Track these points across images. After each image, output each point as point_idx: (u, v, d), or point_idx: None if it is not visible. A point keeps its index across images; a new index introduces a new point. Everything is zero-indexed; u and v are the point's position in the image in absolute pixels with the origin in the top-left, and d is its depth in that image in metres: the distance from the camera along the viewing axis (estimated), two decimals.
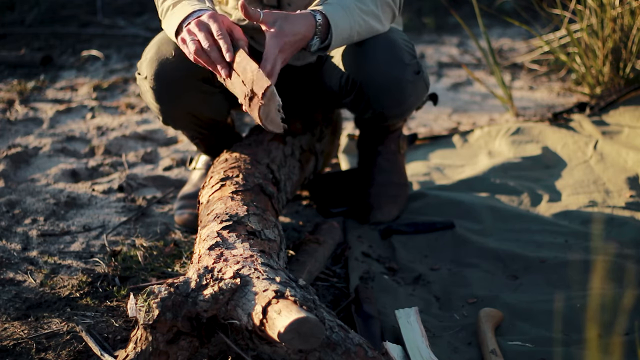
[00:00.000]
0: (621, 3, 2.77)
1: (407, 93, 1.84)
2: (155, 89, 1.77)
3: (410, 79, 1.83)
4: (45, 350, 1.46)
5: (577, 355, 1.39)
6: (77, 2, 5.23)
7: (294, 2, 1.83)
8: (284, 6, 1.84)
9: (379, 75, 1.79)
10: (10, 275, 1.78)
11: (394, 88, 1.82)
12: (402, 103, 1.87)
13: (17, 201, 2.19)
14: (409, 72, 1.82)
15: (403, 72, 1.81)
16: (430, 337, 1.48)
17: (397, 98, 1.84)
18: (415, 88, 1.87)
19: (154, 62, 1.76)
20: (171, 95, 1.79)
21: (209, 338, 1.28)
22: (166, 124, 1.90)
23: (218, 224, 1.47)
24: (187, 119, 1.88)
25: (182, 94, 1.79)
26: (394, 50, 1.80)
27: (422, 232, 1.97)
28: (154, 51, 1.78)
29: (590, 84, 2.99)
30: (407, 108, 1.92)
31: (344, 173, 2.31)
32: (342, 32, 1.65)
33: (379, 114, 1.89)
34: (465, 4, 4.62)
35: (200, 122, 1.90)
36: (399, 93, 1.83)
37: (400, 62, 1.81)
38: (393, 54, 1.80)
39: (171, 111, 1.84)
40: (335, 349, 1.17)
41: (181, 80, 1.76)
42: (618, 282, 1.67)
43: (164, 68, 1.75)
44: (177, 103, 1.81)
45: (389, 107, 1.87)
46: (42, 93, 3.46)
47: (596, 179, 2.28)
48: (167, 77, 1.75)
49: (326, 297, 1.69)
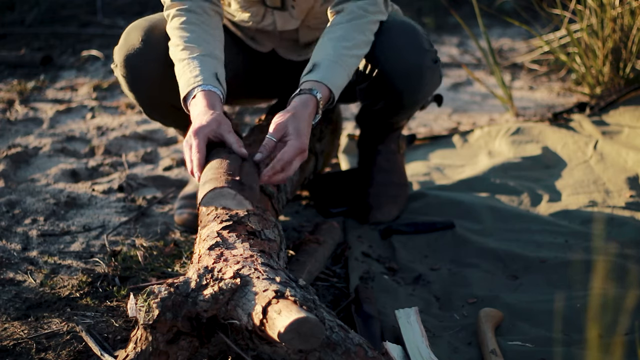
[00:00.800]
0: (621, 3, 2.77)
1: (425, 80, 1.83)
2: (126, 77, 1.78)
3: (429, 66, 1.82)
4: (45, 350, 1.46)
5: (577, 355, 1.39)
6: (77, 2, 5.23)
7: (298, 4, 1.83)
8: (288, 7, 1.84)
9: (399, 61, 1.77)
10: (10, 275, 1.78)
11: (413, 74, 1.80)
12: (418, 90, 1.85)
13: (17, 201, 2.19)
14: (428, 58, 1.81)
15: (423, 58, 1.80)
16: (430, 337, 1.48)
17: (415, 85, 1.83)
18: (433, 76, 1.86)
19: (123, 50, 1.76)
20: (143, 83, 1.78)
21: (209, 338, 1.28)
22: (151, 117, 1.89)
23: (218, 224, 1.47)
24: (167, 111, 1.85)
25: (153, 81, 1.77)
26: (415, 36, 1.79)
27: (422, 232, 1.97)
28: (123, 39, 1.78)
29: (590, 84, 2.99)
30: (422, 97, 1.90)
31: (344, 173, 2.32)
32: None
33: (392, 103, 1.87)
34: (465, 4, 4.62)
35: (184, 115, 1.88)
36: (417, 79, 1.82)
37: (420, 48, 1.80)
38: (413, 39, 1.79)
39: (147, 101, 1.82)
40: (335, 349, 1.17)
41: (149, 66, 1.75)
42: (618, 282, 1.67)
43: (131, 55, 1.75)
44: (151, 92, 1.79)
45: (405, 94, 1.84)
46: (42, 93, 3.46)
47: (596, 179, 2.28)
48: (135, 64, 1.75)
49: (326, 297, 1.69)
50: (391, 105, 1.89)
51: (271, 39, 1.96)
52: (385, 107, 1.90)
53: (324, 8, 1.84)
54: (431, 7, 5.16)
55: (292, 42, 1.96)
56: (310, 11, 1.86)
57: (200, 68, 1.60)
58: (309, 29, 1.91)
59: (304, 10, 1.85)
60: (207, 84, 1.58)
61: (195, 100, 1.58)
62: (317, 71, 1.62)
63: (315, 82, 1.60)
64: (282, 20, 1.88)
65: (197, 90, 1.58)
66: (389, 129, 2.09)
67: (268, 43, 1.98)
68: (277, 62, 2.02)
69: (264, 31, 1.94)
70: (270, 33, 1.93)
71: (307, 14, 1.86)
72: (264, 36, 1.96)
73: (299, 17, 1.86)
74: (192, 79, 1.59)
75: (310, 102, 1.58)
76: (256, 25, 1.91)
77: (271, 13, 1.87)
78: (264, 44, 1.98)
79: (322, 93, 1.60)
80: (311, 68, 1.63)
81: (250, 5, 1.86)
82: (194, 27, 1.66)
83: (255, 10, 1.87)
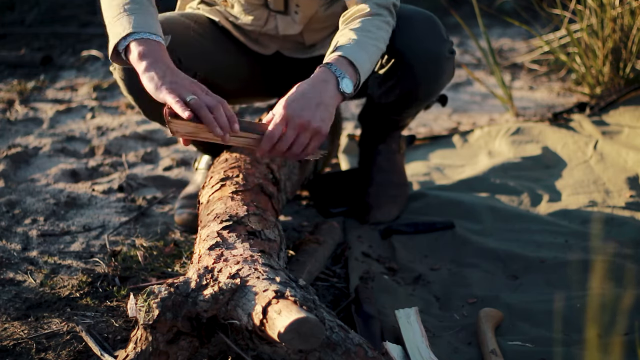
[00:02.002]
0: (621, 3, 2.77)
1: (442, 70, 1.82)
2: (124, 79, 1.77)
3: (447, 56, 1.82)
4: (45, 350, 1.46)
5: (577, 355, 1.39)
6: (77, 2, 5.23)
7: (302, 9, 1.83)
8: (291, 12, 1.83)
9: (418, 49, 1.76)
10: (10, 275, 1.78)
11: (431, 63, 1.79)
12: (435, 81, 1.84)
13: (17, 201, 2.19)
14: (446, 48, 1.81)
15: (442, 47, 1.80)
16: (430, 337, 1.48)
17: (432, 74, 1.82)
18: (449, 67, 1.85)
19: None
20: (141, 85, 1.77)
21: (209, 338, 1.28)
22: (149, 118, 1.89)
23: (218, 224, 1.47)
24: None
25: None
26: (433, 25, 1.79)
27: (422, 232, 1.97)
28: None
29: (590, 84, 2.99)
30: (438, 87, 1.88)
31: (344, 173, 2.32)
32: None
33: (408, 93, 1.85)
34: (465, 4, 4.62)
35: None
36: (435, 69, 1.81)
37: (439, 37, 1.79)
38: (432, 28, 1.78)
39: (147, 103, 1.79)
40: (335, 349, 1.17)
41: None
42: (618, 282, 1.67)
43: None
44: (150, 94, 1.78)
45: (422, 84, 1.83)
46: (42, 93, 3.46)
47: (596, 179, 2.28)
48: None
49: (326, 297, 1.69)
50: (405, 96, 1.87)
51: (275, 41, 1.95)
52: (399, 99, 1.88)
53: (328, 13, 1.84)
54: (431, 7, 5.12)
55: (297, 44, 1.96)
56: (313, 16, 1.85)
57: (146, 16, 1.51)
58: (313, 32, 1.91)
59: (307, 15, 1.84)
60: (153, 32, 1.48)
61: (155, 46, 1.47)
62: (341, 49, 1.54)
63: (340, 57, 1.52)
64: (285, 25, 1.87)
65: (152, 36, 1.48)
66: (392, 127, 2.08)
67: (272, 45, 1.97)
68: (282, 62, 2.01)
69: (266, 34, 1.93)
70: (274, 36, 1.93)
71: (311, 19, 1.86)
72: (268, 38, 1.95)
73: (301, 22, 1.86)
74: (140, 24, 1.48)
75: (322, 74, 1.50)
76: (259, 29, 1.91)
77: (274, 17, 1.86)
78: (269, 45, 1.97)
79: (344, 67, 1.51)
80: (334, 49, 1.56)
81: (253, 8, 1.86)
82: None
83: (258, 13, 1.86)
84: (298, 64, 1.97)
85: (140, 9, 1.52)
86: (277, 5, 1.82)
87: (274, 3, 1.82)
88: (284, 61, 2.00)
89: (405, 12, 1.77)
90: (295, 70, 1.95)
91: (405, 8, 1.80)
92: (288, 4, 1.82)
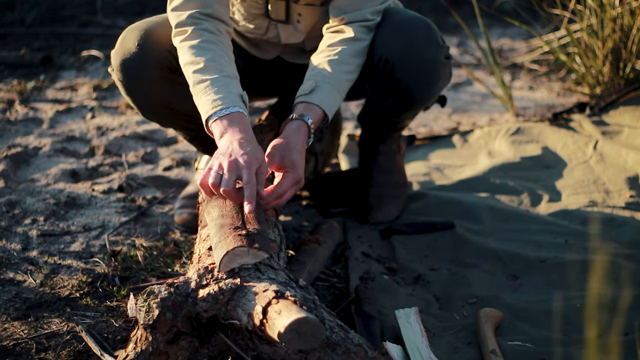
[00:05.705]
0: (621, 3, 2.77)
1: (438, 75, 1.84)
2: (122, 81, 1.77)
3: (443, 62, 1.83)
4: (45, 350, 1.46)
5: (576, 355, 1.39)
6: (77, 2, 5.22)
7: (304, 18, 1.83)
8: (293, 22, 1.83)
9: (414, 54, 1.78)
10: (10, 275, 1.78)
11: (427, 68, 1.80)
12: (431, 86, 1.85)
13: (17, 201, 2.19)
14: (442, 54, 1.82)
15: (438, 53, 1.81)
16: (430, 337, 1.48)
17: (428, 79, 1.83)
18: (445, 72, 1.87)
19: (119, 54, 1.76)
20: (139, 86, 1.77)
21: (209, 338, 1.28)
22: (148, 118, 1.89)
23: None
24: (165, 113, 1.84)
25: (149, 84, 1.75)
26: (429, 31, 1.80)
27: (422, 232, 1.97)
28: (119, 43, 1.77)
29: (590, 84, 2.99)
30: (434, 93, 1.90)
31: (344, 173, 2.32)
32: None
33: (404, 98, 1.86)
34: (465, 4, 4.62)
35: (182, 117, 1.86)
36: (431, 74, 1.82)
37: (435, 43, 1.80)
38: (428, 34, 1.79)
39: (145, 104, 1.81)
40: (335, 349, 1.18)
41: (145, 70, 1.73)
42: (617, 282, 1.67)
43: (127, 58, 1.74)
44: (148, 95, 1.78)
45: (418, 90, 1.84)
46: (42, 93, 3.46)
47: (596, 179, 2.28)
48: (131, 67, 1.74)
49: (326, 297, 1.69)
50: (402, 101, 1.88)
51: (276, 46, 1.95)
52: (395, 103, 1.89)
53: (328, 19, 1.84)
54: (431, 7, 5.16)
55: (297, 50, 1.96)
56: (315, 24, 1.85)
57: (228, 89, 1.56)
58: (314, 38, 1.91)
59: (309, 24, 1.84)
60: (235, 105, 1.54)
61: (231, 119, 1.52)
62: (316, 93, 1.66)
63: (311, 104, 1.65)
64: (287, 34, 1.87)
65: (233, 109, 1.53)
66: (391, 128, 2.08)
67: (273, 51, 1.97)
68: (282, 66, 2.01)
69: (267, 40, 1.93)
70: (275, 43, 1.93)
71: (312, 27, 1.86)
72: (268, 44, 1.96)
73: (304, 31, 1.86)
74: (223, 97, 1.55)
75: (303, 127, 1.63)
76: (260, 37, 1.91)
77: (275, 26, 1.86)
78: (269, 51, 1.97)
79: (316, 117, 1.65)
80: (312, 89, 1.66)
81: (254, 17, 1.86)
82: (212, 47, 1.62)
83: (258, 22, 1.86)
84: (297, 68, 1.98)
85: (218, 80, 1.58)
86: (279, 15, 1.82)
87: (275, 13, 1.82)
88: (283, 65, 2.01)
89: (401, 18, 1.78)
90: (295, 72, 1.95)
91: (401, 13, 1.80)
92: (290, 13, 1.82)
